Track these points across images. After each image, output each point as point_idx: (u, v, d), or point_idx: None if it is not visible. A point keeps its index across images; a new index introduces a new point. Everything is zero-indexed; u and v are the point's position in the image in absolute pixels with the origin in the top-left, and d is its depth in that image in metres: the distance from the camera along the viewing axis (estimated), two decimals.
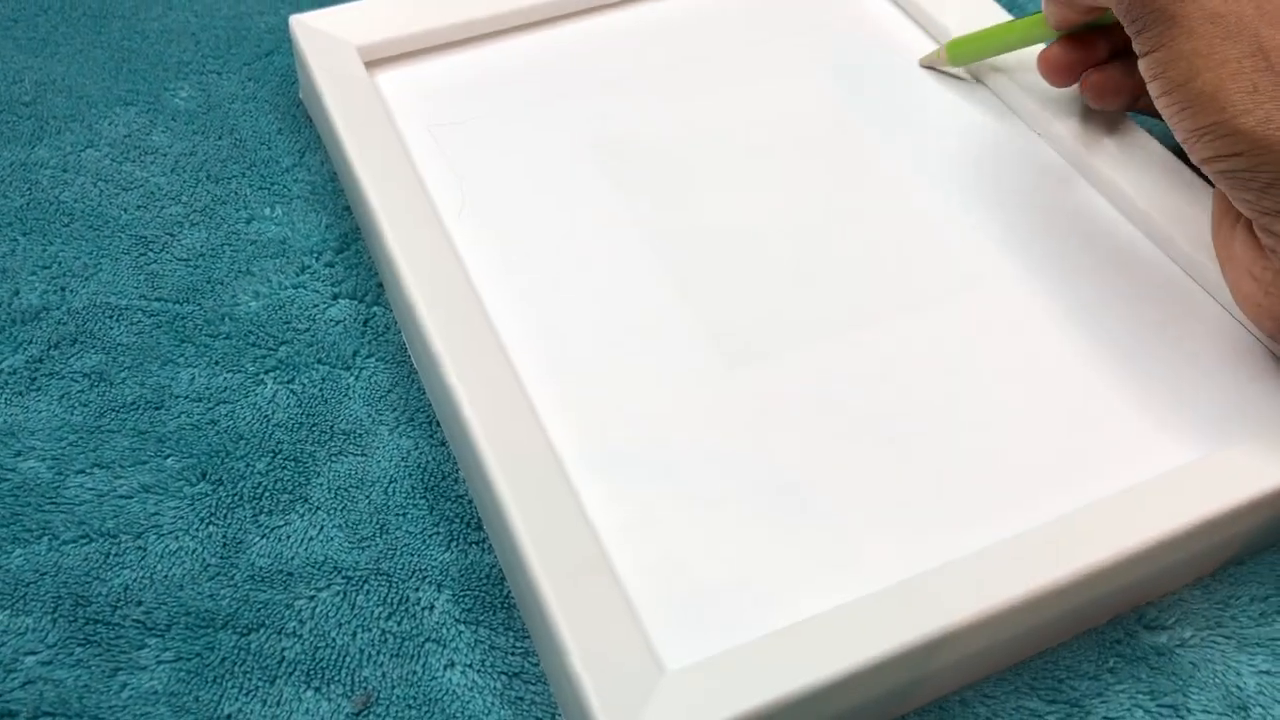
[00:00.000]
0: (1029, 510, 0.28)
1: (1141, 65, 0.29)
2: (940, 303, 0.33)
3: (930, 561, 0.27)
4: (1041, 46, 0.36)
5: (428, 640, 0.28)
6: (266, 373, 0.33)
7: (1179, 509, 0.27)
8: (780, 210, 0.36)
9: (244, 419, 0.32)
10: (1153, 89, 0.29)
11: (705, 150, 0.37)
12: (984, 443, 0.30)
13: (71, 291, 0.35)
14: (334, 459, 0.32)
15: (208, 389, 0.33)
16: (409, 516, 0.31)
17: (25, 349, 0.34)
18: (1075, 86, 0.36)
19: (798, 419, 0.30)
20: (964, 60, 0.39)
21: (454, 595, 0.29)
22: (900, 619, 0.26)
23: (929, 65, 0.40)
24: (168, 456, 0.31)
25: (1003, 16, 0.40)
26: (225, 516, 0.30)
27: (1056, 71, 0.35)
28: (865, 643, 0.25)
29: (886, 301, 0.33)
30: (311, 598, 0.29)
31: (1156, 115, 0.35)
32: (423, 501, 0.31)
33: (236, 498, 0.31)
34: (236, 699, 0.27)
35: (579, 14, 0.41)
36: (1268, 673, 0.28)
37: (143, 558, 0.29)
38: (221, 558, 0.30)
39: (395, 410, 0.33)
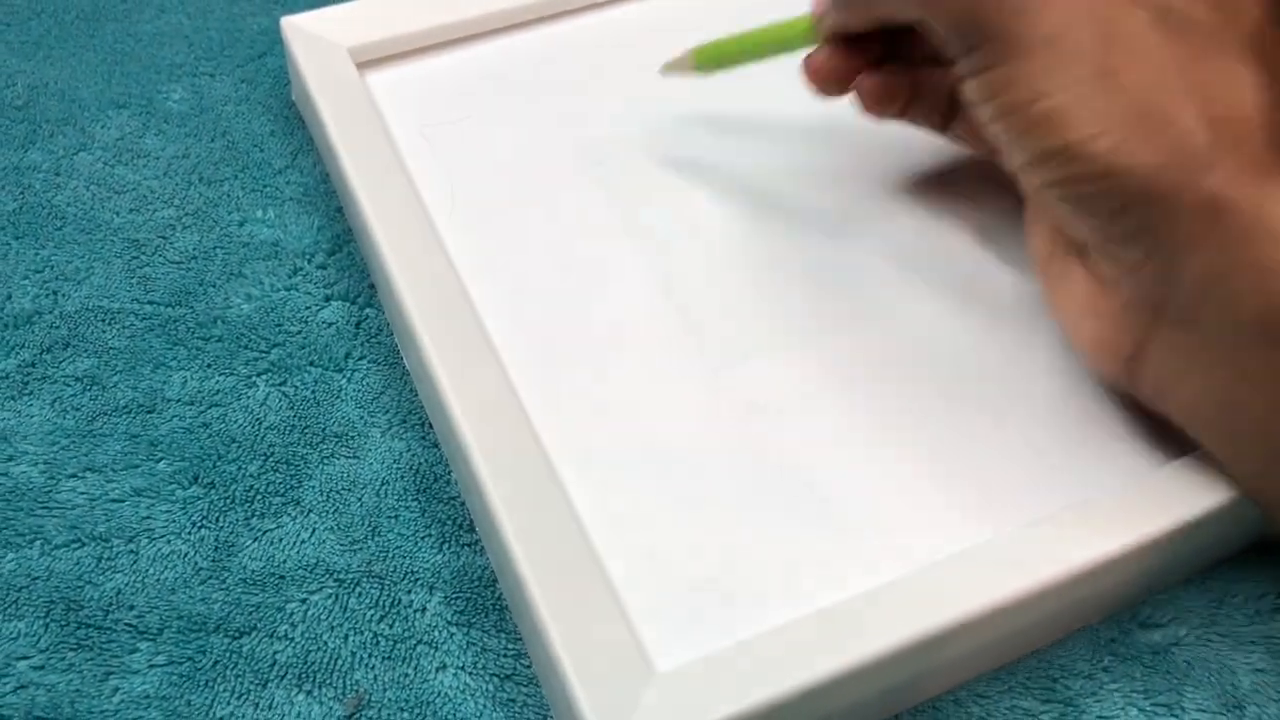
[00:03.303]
0: (1021, 508, 0.28)
1: (969, 86, 0.27)
2: (929, 299, 0.33)
3: (923, 560, 0.27)
4: (804, 52, 0.33)
5: (420, 643, 0.28)
6: (259, 375, 0.33)
7: (1173, 506, 0.27)
8: (769, 210, 0.35)
9: (236, 422, 0.32)
10: (984, 111, 0.27)
11: (694, 150, 0.37)
12: (975, 441, 0.30)
13: (64, 295, 0.35)
14: (326, 461, 0.32)
15: (200, 392, 0.33)
16: (401, 519, 0.30)
17: (17, 353, 0.34)
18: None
19: (788, 419, 0.30)
20: (713, 68, 0.35)
21: (446, 597, 0.29)
22: (893, 618, 0.25)
23: (671, 72, 0.36)
24: (160, 460, 0.31)
25: None
26: (217, 520, 0.30)
27: (827, 80, 0.32)
28: (857, 642, 0.25)
29: (872, 299, 0.33)
30: (303, 601, 0.29)
31: (927, 127, 0.33)
32: (415, 503, 0.31)
33: (228, 501, 0.31)
34: (228, 703, 0.27)
35: (569, 13, 0.41)
36: (1263, 671, 0.28)
37: (135, 562, 0.29)
38: (213, 561, 0.30)
39: (387, 412, 0.33)
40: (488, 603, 0.29)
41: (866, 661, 0.25)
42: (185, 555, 0.30)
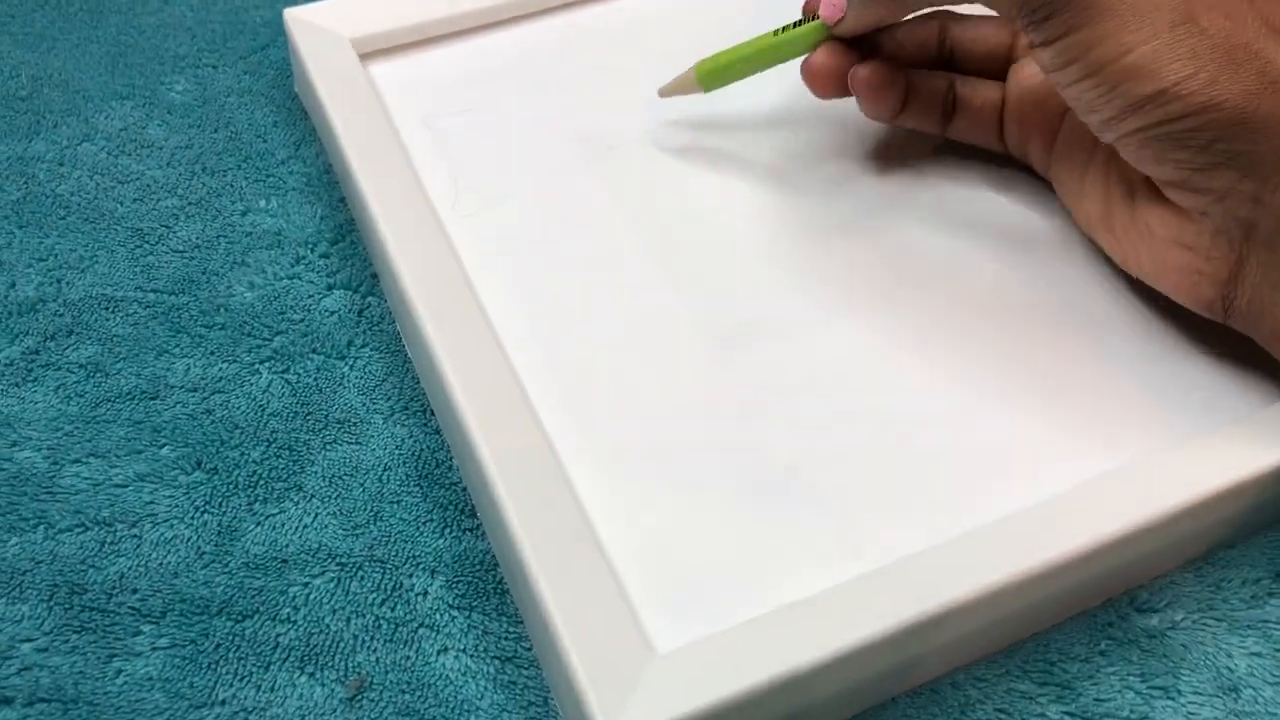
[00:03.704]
0: (1019, 492, 0.28)
1: (1048, 53, 0.28)
2: (928, 288, 0.33)
3: (921, 543, 0.27)
4: (802, 59, 0.34)
5: (421, 626, 0.29)
6: (261, 363, 0.34)
7: (1169, 491, 0.27)
8: (771, 200, 0.36)
9: (239, 408, 0.32)
10: (1069, 73, 0.28)
11: (699, 140, 0.37)
12: (972, 425, 0.30)
13: (68, 284, 0.35)
14: (328, 447, 0.32)
15: (203, 379, 0.33)
16: (403, 504, 0.31)
17: (22, 340, 0.34)
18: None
19: (787, 404, 0.30)
20: (719, 83, 0.35)
21: (447, 581, 0.29)
22: (891, 601, 0.26)
23: (673, 94, 0.36)
24: (163, 446, 0.32)
25: None
26: (220, 505, 0.31)
27: (829, 81, 0.34)
28: (856, 625, 0.25)
29: (874, 287, 0.33)
30: (306, 584, 0.29)
31: (927, 129, 0.35)
32: (416, 489, 0.31)
33: (231, 486, 0.31)
34: (230, 685, 0.27)
35: (572, 6, 0.42)
36: (1258, 654, 0.28)
37: (138, 546, 0.30)
38: (216, 545, 0.30)
39: (389, 399, 0.33)
40: (488, 587, 0.29)
41: (864, 644, 0.25)
42: (188, 540, 0.30)
